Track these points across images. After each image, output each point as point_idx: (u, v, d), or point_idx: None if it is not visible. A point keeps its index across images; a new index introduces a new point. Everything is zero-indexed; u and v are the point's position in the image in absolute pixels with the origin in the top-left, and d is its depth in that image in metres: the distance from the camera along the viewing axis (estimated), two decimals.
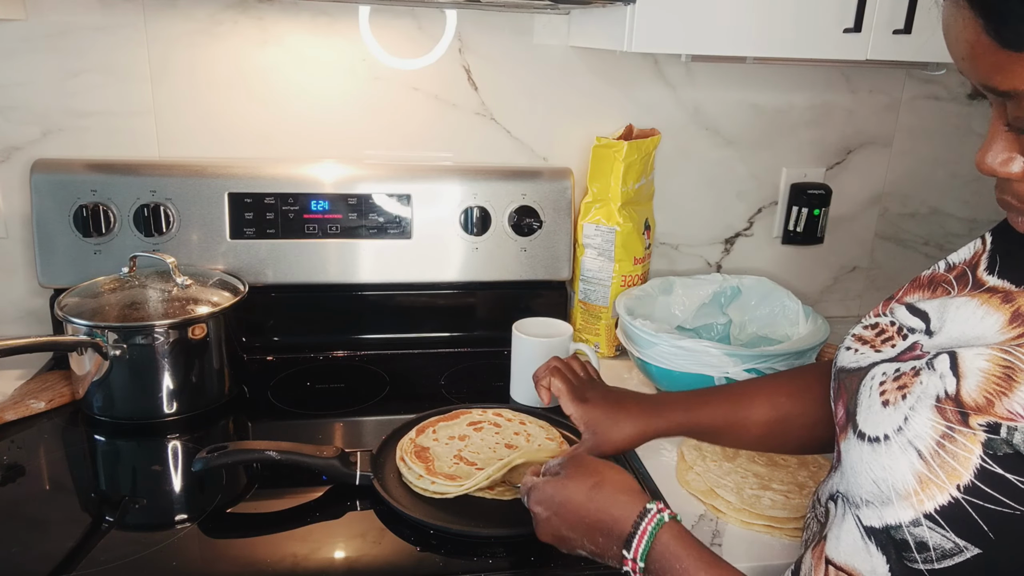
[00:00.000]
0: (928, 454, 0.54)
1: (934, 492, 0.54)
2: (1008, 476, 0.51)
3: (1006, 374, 0.53)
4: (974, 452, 0.52)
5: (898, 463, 0.56)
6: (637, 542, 0.67)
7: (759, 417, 0.87)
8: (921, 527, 0.54)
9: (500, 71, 1.32)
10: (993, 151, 0.55)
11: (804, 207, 1.47)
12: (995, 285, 0.61)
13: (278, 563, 0.80)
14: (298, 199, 1.26)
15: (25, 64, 1.19)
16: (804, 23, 1.06)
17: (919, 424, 0.55)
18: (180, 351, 1.07)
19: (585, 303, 1.36)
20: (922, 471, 0.54)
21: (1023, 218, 0.57)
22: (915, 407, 0.56)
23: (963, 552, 0.53)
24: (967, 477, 0.52)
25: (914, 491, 0.55)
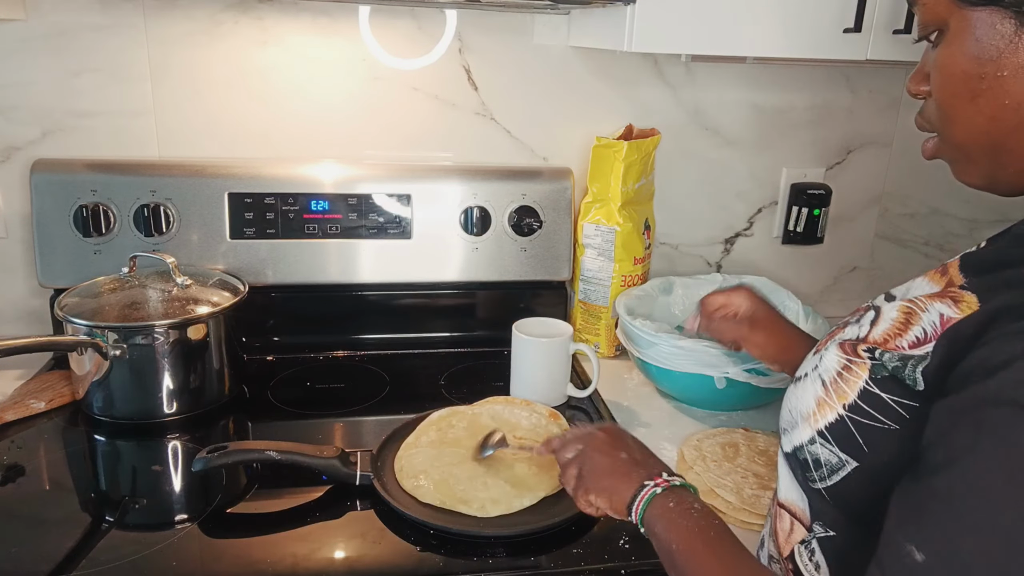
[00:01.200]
0: (829, 381, 0.62)
1: (826, 412, 0.61)
2: (883, 395, 0.57)
3: (906, 319, 0.59)
4: (861, 377, 0.59)
5: (807, 392, 0.64)
6: (637, 504, 0.71)
7: None
8: (815, 444, 0.62)
9: (500, 71, 1.32)
10: (914, 77, 0.63)
11: (804, 207, 1.47)
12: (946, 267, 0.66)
13: (278, 563, 0.80)
14: (298, 199, 1.26)
15: (25, 64, 1.19)
16: (804, 23, 1.06)
17: (828, 359, 0.63)
18: (180, 351, 1.07)
19: (585, 303, 1.36)
20: (821, 395, 0.62)
21: (930, 142, 0.63)
22: (828, 347, 0.64)
23: (845, 466, 0.59)
24: (852, 397, 0.59)
25: (813, 412, 0.62)
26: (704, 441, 1.04)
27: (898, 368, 0.57)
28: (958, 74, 0.57)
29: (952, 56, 0.57)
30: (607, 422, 0.85)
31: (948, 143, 0.61)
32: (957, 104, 0.58)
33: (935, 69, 0.59)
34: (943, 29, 0.58)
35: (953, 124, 0.59)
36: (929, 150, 0.64)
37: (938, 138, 0.62)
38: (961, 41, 0.56)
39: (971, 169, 0.61)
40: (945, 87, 0.59)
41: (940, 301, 0.57)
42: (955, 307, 0.56)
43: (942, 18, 0.57)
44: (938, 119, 0.61)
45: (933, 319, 0.57)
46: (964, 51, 0.56)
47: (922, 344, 0.56)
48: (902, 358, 0.57)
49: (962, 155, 0.61)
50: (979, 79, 0.56)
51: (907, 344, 0.57)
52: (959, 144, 0.60)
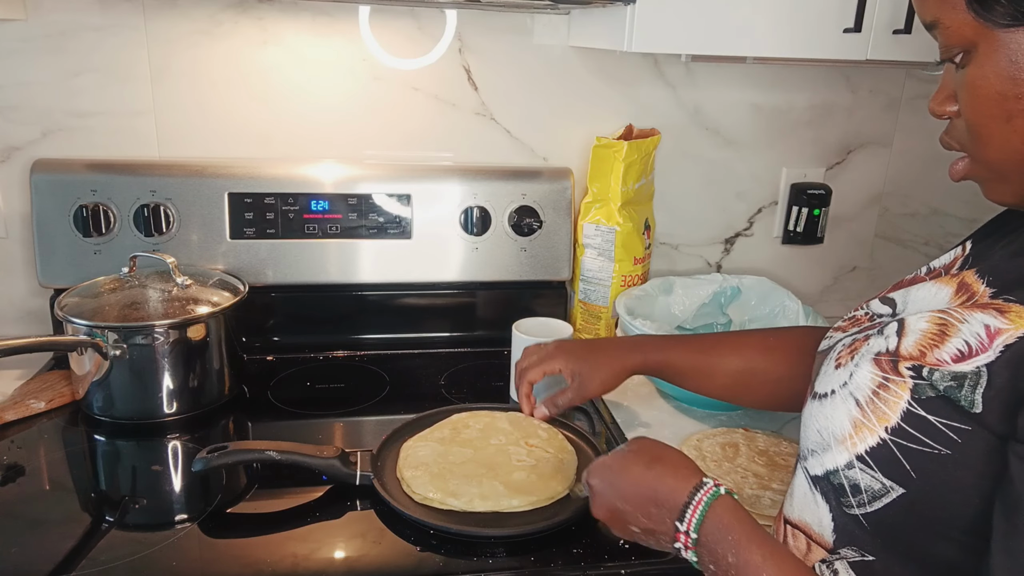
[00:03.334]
0: (864, 401, 0.59)
1: (866, 435, 0.58)
2: (930, 418, 0.55)
3: (940, 330, 0.57)
4: (903, 397, 0.57)
5: (838, 411, 0.61)
6: (691, 513, 0.65)
7: (727, 366, 0.92)
8: (854, 469, 0.59)
9: (500, 71, 1.32)
10: (937, 96, 0.62)
11: (804, 207, 1.47)
12: (956, 275, 0.65)
13: (278, 563, 0.80)
14: (298, 199, 1.26)
15: (25, 64, 1.19)
16: (804, 23, 1.06)
17: (860, 376, 0.60)
18: (180, 351, 1.07)
19: (585, 303, 1.36)
20: (857, 416, 0.59)
21: (955, 163, 0.63)
22: (859, 363, 0.61)
23: (889, 493, 0.57)
24: (895, 419, 0.57)
25: (849, 435, 0.59)
26: (704, 441, 1.04)
27: (951, 388, 0.54)
28: (992, 95, 0.56)
29: (985, 78, 0.56)
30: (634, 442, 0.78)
31: (981, 163, 0.60)
32: (992, 125, 0.57)
33: (965, 90, 0.58)
34: (970, 50, 0.56)
35: (987, 145, 0.58)
36: (959, 172, 0.63)
37: (968, 159, 0.61)
38: (994, 62, 0.55)
39: (1005, 188, 0.60)
40: (978, 108, 0.57)
41: (981, 312, 0.56)
42: (1002, 318, 0.54)
43: (969, 39, 0.56)
44: (970, 140, 0.60)
45: (976, 331, 0.55)
46: (998, 72, 0.55)
47: (968, 358, 0.54)
48: (955, 377, 0.54)
49: (996, 175, 0.60)
50: (1015, 99, 0.55)
51: (949, 358, 0.55)
52: (993, 165, 0.59)
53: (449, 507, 0.87)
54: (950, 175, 0.64)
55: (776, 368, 0.90)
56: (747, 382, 0.92)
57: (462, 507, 0.87)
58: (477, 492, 0.88)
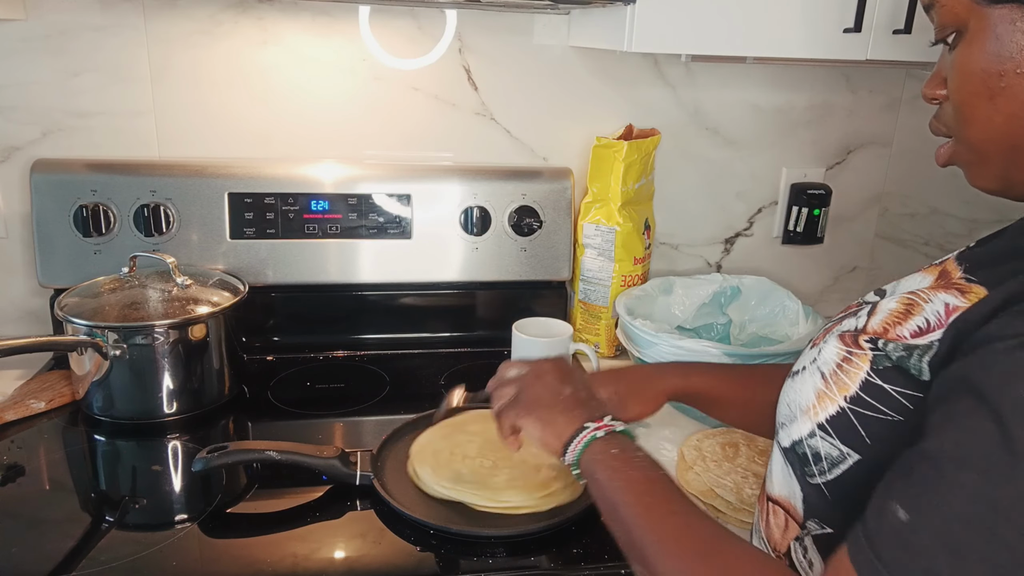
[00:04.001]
0: (828, 374, 0.61)
1: (827, 404, 0.60)
2: (885, 386, 0.57)
3: (907, 309, 0.59)
4: (863, 368, 0.59)
5: (806, 385, 0.64)
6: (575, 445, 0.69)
7: (765, 398, 0.86)
8: (815, 438, 0.61)
9: (500, 71, 1.32)
10: (930, 82, 0.62)
11: (804, 207, 1.47)
12: (939, 263, 0.66)
13: (278, 563, 0.80)
14: (298, 199, 1.26)
15: (25, 64, 1.19)
16: (804, 23, 1.06)
17: (827, 352, 0.63)
18: (180, 351, 1.07)
19: (585, 303, 1.36)
20: (821, 388, 0.62)
21: (940, 148, 0.63)
22: (827, 340, 0.64)
23: (846, 459, 0.59)
24: (854, 389, 0.59)
25: (812, 406, 0.62)
26: (704, 441, 1.04)
27: (903, 359, 0.56)
28: (976, 72, 0.56)
29: (971, 55, 0.57)
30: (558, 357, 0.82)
31: (964, 144, 0.60)
32: (976, 103, 0.57)
33: (953, 70, 0.59)
34: (961, 30, 0.57)
35: (970, 125, 0.59)
36: (943, 156, 0.63)
37: (953, 142, 0.62)
38: (981, 40, 0.56)
39: (986, 172, 0.60)
40: (963, 87, 0.58)
41: (944, 291, 0.57)
42: (962, 297, 0.55)
43: (961, 18, 0.57)
44: (955, 121, 0.60)
45: (937, 308, 0.56)
46: (983, 49, 0.56)
47: (925, 333, 0.56)
48: (907, 348, 0.56)
49: (978, 157, 0.60)
50: (998, 77, 0.55)
51: (909, 333, 0.57)
52: (975, 145, 0.59)
53: (470, 502, 0.88)
54: (936, 160, 0.64)
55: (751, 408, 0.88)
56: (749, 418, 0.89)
57: (459, 497, 0.87)
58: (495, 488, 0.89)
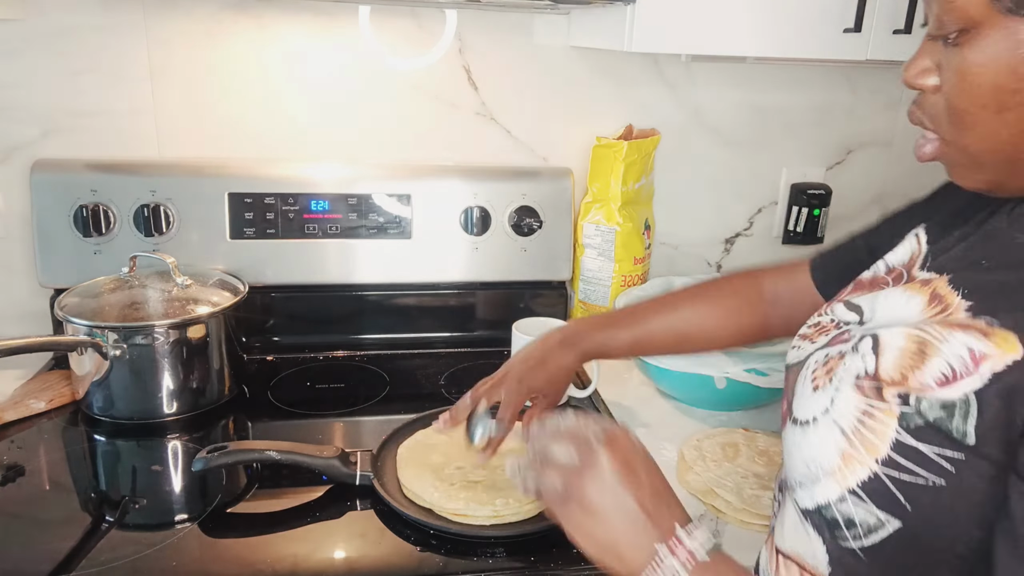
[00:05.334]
0: (850, 430, 0.56)
1: (856, 467, 0.55)
2: (921, 447, 0.52)
3: (919, 349, 0.55)
4: (890, 426, 0.54)
5: (824, 442, 0.58)
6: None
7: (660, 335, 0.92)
8: (846, 503, 0.56)
9: (500, 71, 1.32)
10: (915, 64, 0.58)
11: (804, 207, 1.47)
12: (923, 278, 0.63)
13: (278, 563, 0.80)
14: (298, 199, 1.26)
15: (25, 64, 1.19)
16: (804, 23, 1.06)
17: (842, 403, 0.57)
18: (180, 351, 1.07)
19: (585, 303, 1.36)
20: (845, 448, 0.56)
21: (924, 142, 0.59)
22: (839, 388, 0.58)
23: (885, 526, 0.54)
24: (884, 450, 0.54)
25: (838, 468, 0.56)
26: (704, 441, 1.04)
27: (942, 419, 0.51)
28: (986, 84, 0.52)
29: (983, 64, 0.52)
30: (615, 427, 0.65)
31: (955, 148, 0.57)
32: (980, 114, 0.53)
33: (956, 73, 0.54)
34: (970, 29, 0.52)
35: (969, 132, 0.55)
36: (927, 153, 0.59)
37: (940, 140, 0.58)
38: (997, 50, 0.51)
39: (977, 176, 0.58)
40: (967, 94, 0.54)
41: (962, 332, 0.53)
42: (987, 342, 0.51)
43: (974, 20, 0.52)
44: (949, 123, 0.56)
45: (958, 352, 0.52)
46: (999, 61, 0.51)
47: (952, 382, 0.52)
48: (944, 407, 0.51)
49: (970, 161, 0.57)
50: (1012, 93, 0.51)
51: (933, 381, 0.53)
52: (971, 152, 0.56)
53: (453, 516, 0.87)
54: (916, 155, 0.60)
55: (707, 329, 0.91)
56: (681, 346, 0.94)
57: (459, 515, 0.86)
58: (474, 499, 0.88)
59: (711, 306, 0.92)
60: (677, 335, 0.92)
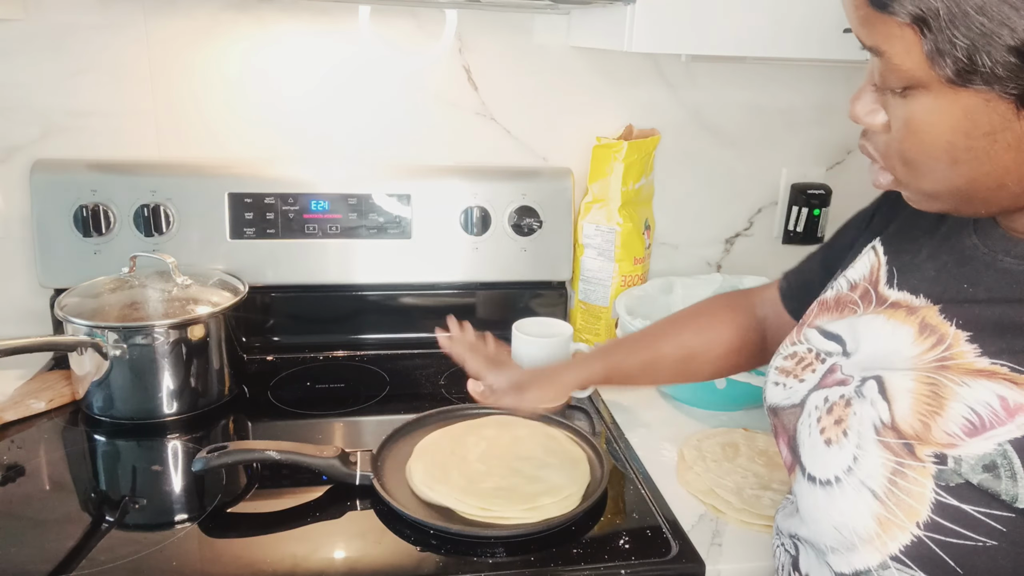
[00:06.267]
0: (883, 493, 0.53)
1: (896, 533, 0.52)
2: (966, 508, 0.50)
3: (933, 392, 0.53)
4: (927, 486, 0.51)
5: (855, 507, 0.55)
6: None
7: (669, 355, 0.90)
8: (889, 569, 0.53)
9: (500, 71, 1.32)
10: (862, 101, 0.55)
11: (804, 207, 1.47)
12: (897, 300, 0.61)
13: (278, 563, 0.80)
14: (298, 199, 1.26)
15: (25, 64, 1.19)
16: (804, 23, 1.06)
17: (868, 462, 0.54)
18: (180, 351, 1.07)
19: (585, 303, 1.36)
20: (880, 512, 0.53)
21: (878, 172, 0.57)
22: (861, 445, 0.55)
23: None
24: (925, 513, 0.51)
25: (876, 534, 0.54)
26: (704, 441, 1.04)
27: (987, 480, 0.49)
28: (939, 142, 0.50)
29: (933, 123, 0.50)
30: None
31: (911, 188, 0.56)
32: (934, 165, 0.52)
33: (904, 124, 0.52)
34: (916, 87, 0.50)
35: (924, 179, 0.54)
36: (885, 186, 0.58)
37: (896, 179, 0.56)
38: (949, 113, 0.49)
39: (934, 205, 0.56)
40: (918, 148, 0.52)
41: (986, 379, 0.51)
42: (1018, 390, 0.49)
43: (919, 81, 0.49)
44: (903, 169, 0.54)
45: (984, 399, 0.50)
46: (951, 124, 0.49)
47: (982, 431, 0.50)
48: (987, 467, 0.49)
49: (926, 196, 0.56)
50: (965, 150, 0.50)
51: (961, 431, 0.50)
52: (927, 191, 0.55)
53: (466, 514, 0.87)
54: (873, 182, 0.58)
55: (714, 346, 0.89)
56: (693, 366, 0.91)
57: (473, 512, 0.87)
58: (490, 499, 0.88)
59: (712, 319, 0.91)
60: (685, 353, 0.90)
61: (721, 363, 0.91)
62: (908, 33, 0.48)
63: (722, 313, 0.91)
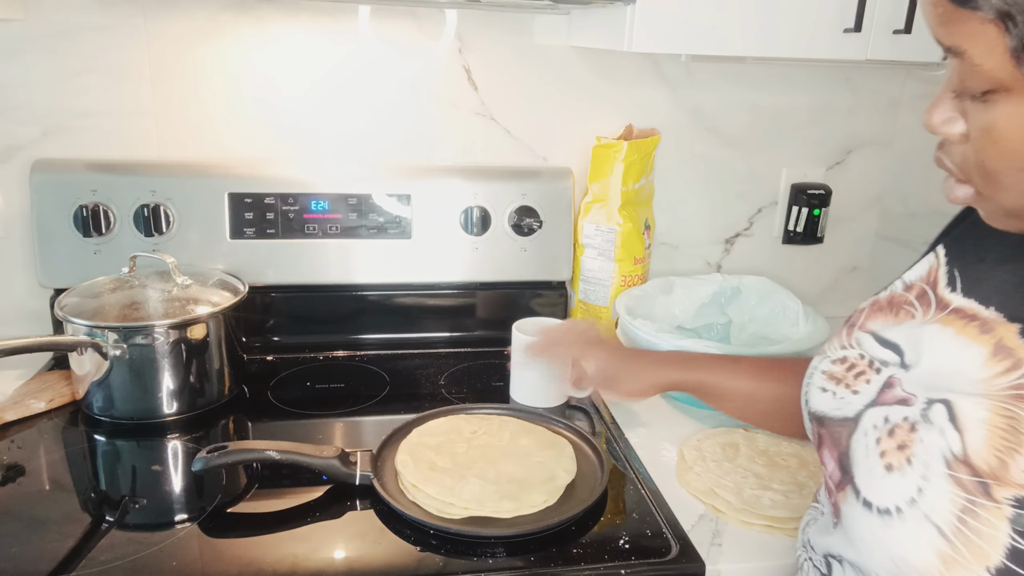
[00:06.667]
0: (949, 531, 0.50)
1: (961, 573, 0.50)
2: None
3: (1011, 425, 0.49)
4: (1001, 529, 0.48)
5: (916, 541, 0.52)
6: None
7: (768, 393, 0.88)
8: None
9: (500, 71, 1.32)
10: (940, 109, 0.53)
11: (804, 207, 1.47)
12: (961, 306, 0.58)
13: (278, 563, 0.80)
14: (298, 199, 1.26)
15: (25, 64, 1.19)
16: (804, 23, 1.06)
17: (935, 496, 0.51)
18: (180, 351, 1.07)
19: (585, 303, 1.36)
20: (945, 550, 0.50)
21: (954, 186, 0.55)
22: (928, 476, 0.52)
23: None
24: (997, 558, 0.48)
25: (939, 572, 0.51)
26: (704, 441, 1.04)
27: None
28: (1022, 151, 0.48)
29: (1018, 132, 0.48)
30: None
31: (991, 203, 0.53)
32: (1017, 178, 0.49)
33: (985, 133, 0.50)
34: (998, 90, 0.48)
35: (1006, 191, 0.51)
36: (960, 200, 0.55)
37: (974, 193, 0.53)
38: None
39: (1012, 223, 0.53)
40: (1001, 157, 0.49)
41: None
42: None
43: (1002, 84, 0.47)
44: (981, 180, 0.52)
45: None
46: None
47: None
48: None
49: (1006, 212, 0.53)
50: None
51: None
52: (1007, 206, 0.52)
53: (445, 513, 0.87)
54: (947, 198, 0.56)
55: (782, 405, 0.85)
56: (788, 410, 0.82)
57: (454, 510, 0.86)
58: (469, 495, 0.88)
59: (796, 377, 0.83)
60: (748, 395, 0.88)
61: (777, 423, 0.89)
62: (991, 30, 0.45)
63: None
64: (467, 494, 0.87)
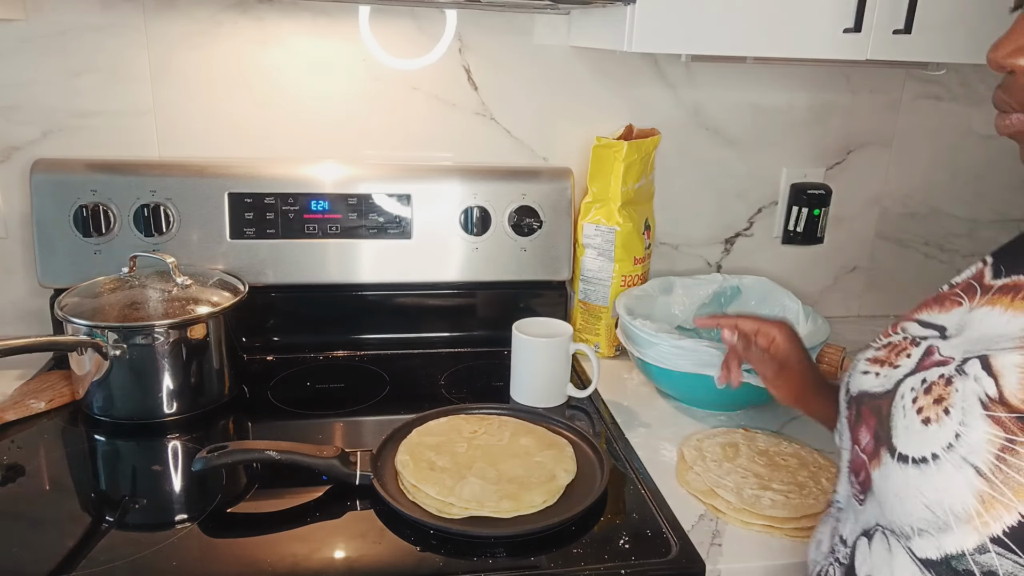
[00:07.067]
0: (988, 470, 0.50)
1: (1000, 512, 0.49)
2: None
3: None
4: None
5: (953, 482, 0.51)
6: None
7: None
8: (988, 553, 0.50)
9: (500, 71, 1.33)
10: (1005, 43, 0.54)
11: (804, 207, 1.47)
12: (1005, 283, 0.59)
13: (278, 563, 0.80)
14: (298, 199, 1.26)
15: (25, 64, 1.19)
16: (804, 23, 1.06)
17: (974, 437, 0.51)
18: (180, 351, 1.07)
19: (585, 303, 1.36)
20: (984, 489, 0.50)
21: (1014, 118, 0.57)
22: (965, 421, 0.52)
23: None
24: None
25: (976, 512, 0.50)
26: (704, 441, 1.04)
27: None
28: None
29: None
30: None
31: None
32: None
33: None
34: None
35: None
36: (1008, 127, 0.57)
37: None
38: None
39: None
40: None
41: None
42: None
43: None
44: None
45: None
46: None
47: None
48: None
49: None
50: None
51: None
52: None
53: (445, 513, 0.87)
54: (997, 128, 0.58)
55: None
56: None
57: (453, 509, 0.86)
58: (468, 495, 0.88)
59: None
60: None
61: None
62: None
63: None
64: (467, 494, 0.87)
